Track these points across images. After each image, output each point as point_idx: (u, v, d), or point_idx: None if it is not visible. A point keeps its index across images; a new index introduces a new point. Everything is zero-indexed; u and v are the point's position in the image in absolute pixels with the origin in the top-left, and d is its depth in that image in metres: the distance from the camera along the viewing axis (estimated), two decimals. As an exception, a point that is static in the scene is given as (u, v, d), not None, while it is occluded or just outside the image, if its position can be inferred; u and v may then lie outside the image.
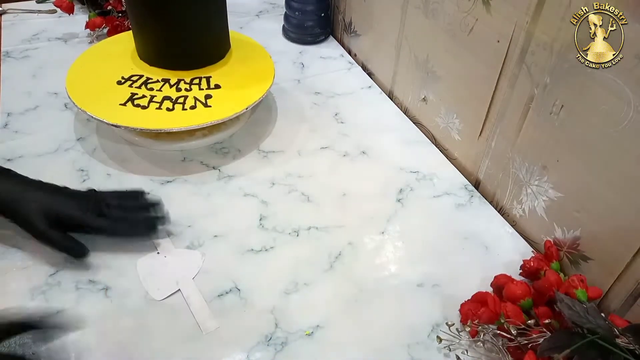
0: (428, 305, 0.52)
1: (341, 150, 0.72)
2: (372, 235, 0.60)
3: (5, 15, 0.98)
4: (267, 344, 0.48)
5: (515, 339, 0.45)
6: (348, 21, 0.96)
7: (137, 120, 0.62)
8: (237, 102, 0.67)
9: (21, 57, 0.86)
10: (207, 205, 0.62)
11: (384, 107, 0.83)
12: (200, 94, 0.68)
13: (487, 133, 0.64)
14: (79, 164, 0.66)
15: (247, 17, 1.06)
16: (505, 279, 0.51)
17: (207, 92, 0.68)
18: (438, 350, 0.48)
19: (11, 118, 0.72)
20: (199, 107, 0.66)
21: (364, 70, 0.92)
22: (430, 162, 0.72)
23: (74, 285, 0.51)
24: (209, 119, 0.64)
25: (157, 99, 0.66)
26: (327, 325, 0.50)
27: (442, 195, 0.66)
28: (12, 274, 0.52)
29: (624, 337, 0.41)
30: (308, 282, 0.54)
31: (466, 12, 0.62)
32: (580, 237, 0.53)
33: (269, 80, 0.71)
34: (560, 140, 0.53)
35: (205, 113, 0.65)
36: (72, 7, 0.94)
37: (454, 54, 0.67)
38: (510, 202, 0.63)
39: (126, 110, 0.64)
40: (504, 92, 0.59)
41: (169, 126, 0.62)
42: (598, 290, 0.49)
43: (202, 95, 0.68)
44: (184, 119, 0.64)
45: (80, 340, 0.46)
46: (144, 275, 0.52)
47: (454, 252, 0.59)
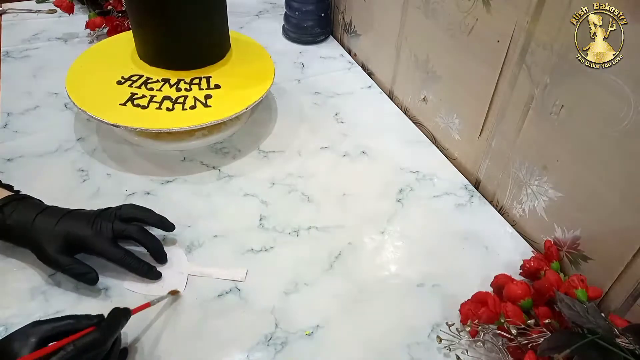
0: (428, 305, 0.52)
1: (341, 150, 0.72)
2: (372, 235, 0.60)
3: (5, 15, 0.98)
4: (267, 344, 0.48)
5: (515, 339, 0.45)
6: (348, 21, 0.96)
7: (137, 120, 0.62)
8: (237, 102, 0.67)
9: (21, 57, 0.86)
10: (207, 205, 0.62)
11: (384, 107, 0.83)
12: (200, 94, 0.68)
13: (487, 133, 0.64)
14: (79, 164, 0.66)
15: (247, 17, 1.06)
16: (505, 279, 0.51)
17: (207, 92, 0.68)
18: (438, 350, 0.48)
19: (11, 118, 0.72)
20: (199, 107, 0.65)
21: (364, 70, 0.92)
22: (430, 162, 0.72)
23: (74, 285, 0.51)
24: (208, 118, 0.64)
25: (157, 99, 0.66)
26: (327, 325, 0.50)
27: (442, 195, 0.66)
28: (12, 274, 0.52)
29: (624, 337, 0.41)
30: (308, 282, 0.54)
31: (466, 12, 0.62)
32: (580, 237, 0.53)
33: (269, 80, 0.71)
34: (560, 140, 0.53)
35: (205, 113, 0.65)
36: (72, 7, 0.94)
37: (454, 54, 0.67)
38: (510, 202, 0.63)
39: (126, 110, 0.64)
40: (504, 92, 0.59)
41: (169, 126, 0.62)
42: (598, 290, 0.49)
43: (202, 95, 0.67)
44: (183, 119, 0.63)
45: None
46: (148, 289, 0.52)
47: (454, 252, 0.59)
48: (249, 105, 0.67)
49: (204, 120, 0.63)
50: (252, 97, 0.68)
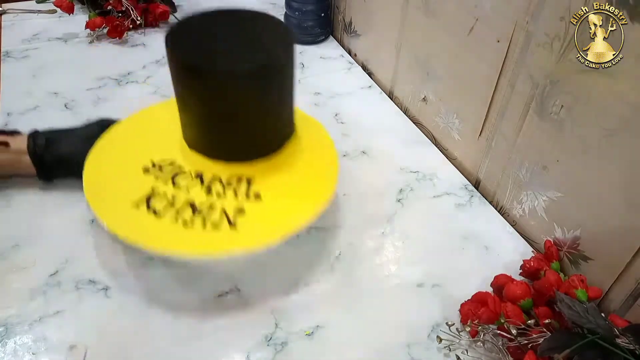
0: (428, 305, 0.52)
1: (341, 150, 0.72)
2: (372, 235, 0.60)
3: (5, 15, 0.98)
4: (267, 344, 0.48)
5: (515, 339, 0.45)
6: (348, 21, 0.96)
7: (141, 233, 0.49)
8: (273, 226, 0.51)
9: (21, 57, 0.86)
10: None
11: (384, 107, 0.83)
12: (232, 204, 0.51)
13: (487, 133, 0.64)
14: (79, 164, 0.66)
15: (247, 17, 1.06)
16: (505, 279, 0.51)
17: (242, 202, 0.52)
18: (438, 350, 0.48)
19: (11, 118, 0.72)
20: (223, 227, 0.50)
21: (364, 70, 0.92)
22: (430, 162, 0.71)
23: (74, 285, 0.51)
24: (226, 246, 0.49)
25: (177, 204, 0.51)
26: (327, 325, 0.50)
27: (442, 195, 0.66)
28: (12, 274, 0.52)
29: (624, 337, 0.41)
30: (308, 282, 0.54)
31: (466, 12, 0.62)
32: (580, 237, 0.53)
33: (326, 192, 0.54)
34: (560, 140, 0.53)
35: (227, 238, 0.49)
36: (72, 7, 0.94)
37: (454, 54, 0.67)
38: (510, 202, 0.63)
39: (136, 215, 0.50)
40: (504, 92, 0.59)
41: (175, 249, 0.49)
42: (598, 290, 0.49)
43: (234, 207, 0.51)
44: (196, 241, 0.49)
45: (80, 340, 0.46)
46: None
47: (454, 252, 0.59)
48: (285, 235, 0.50)
49: (220, 249, 0.49)
50: (295, 220, 0.51)
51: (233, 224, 0.50)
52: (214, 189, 0.53)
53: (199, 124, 0.54)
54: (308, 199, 0.53)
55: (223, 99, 0.51)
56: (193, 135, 0.56)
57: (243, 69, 0.48)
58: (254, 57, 0.50)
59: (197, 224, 0.49)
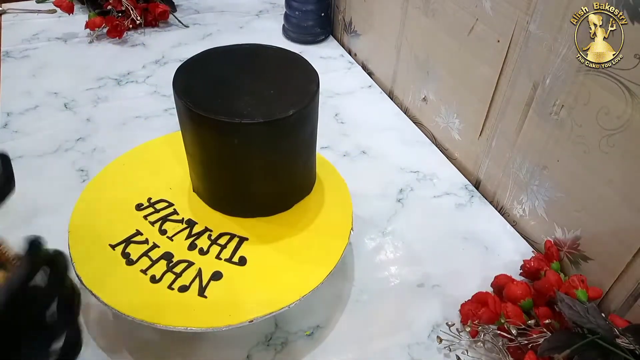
0: (428, 306, 0.52)
1: (341, 150, 0.72)
2: (372, 235, 0.60)
3: (5, 15, 0.98)
4: (267, 344, 0.48)
5: (515, 339, 0.45)
6: (348, 21, 0.96)
7: (97, 284, 0.43)
8: (243, 303, 0.44)
9: (21, 57, 0.86)
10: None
11: (384, 107, 0.83)
12: (211, 266, 0.46)
13: (488, 133, 0.64)
14: (79, 164, 0.66)
15: (247, 17, 1.06)
16: (506, 279, 0.51)
17: (223, 265, 0.46)
18: (438, 350, 0.48)
19: (11, 118, 0.72)
20: (191, 293, 0.44)
21: (364, 70, 0.92)
22: (430, 162, 0.71)
23: (74, 286, 0.51)
24: (187, 322, 0.41)
25: (154, 253, 0.46)
26: (327, 325, 0.50)
27: (442, 195, 0.66)
28: (12, 274, 0.52)
29: (624, 337, 0.41)
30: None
31: (466, 12, 0.62)
32: (581, 237, 0.53)
33: (330, 261, 0.47)
34: (561, 140, 0.53)
35: (190, 309, 0.43)
36: (72, 7, 0.94)
37: (454, 54, 0.67)
38: (511, 202, 0.63)
39: (107, 255, 0.46)
40: (504, 92, 0.59)
41: (127, 311, 0.41)
42: (598, 290, 0.49)
43: (211, 270, 0.45)
44: (153, 304, 0.43)
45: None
46: None
47: (454, 252, 0.58)
48: (259, 317, 0.42)
49: (179, 324, 0.41)
50: (279, 301, 0.44)
51: (203, 294, 0.43)
52: (199, 243, 0.48)
53: (200, 170, 0.50)
54: (295, 277, 0.46)
55: (223, 150, 0.46)
56: (194, 179, 0.53)
57: (249, 123, 0.43)
58: (267, 110, 0.45)
59: (165, 282, 0.44)
